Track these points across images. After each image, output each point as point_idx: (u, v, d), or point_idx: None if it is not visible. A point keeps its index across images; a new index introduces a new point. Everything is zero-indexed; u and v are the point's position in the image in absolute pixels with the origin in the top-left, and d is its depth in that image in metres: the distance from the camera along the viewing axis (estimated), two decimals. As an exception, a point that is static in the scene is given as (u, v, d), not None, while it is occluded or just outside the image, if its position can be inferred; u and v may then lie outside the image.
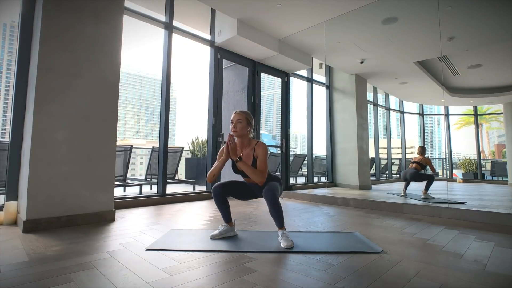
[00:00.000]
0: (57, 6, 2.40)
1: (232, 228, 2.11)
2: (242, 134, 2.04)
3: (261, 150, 1.99)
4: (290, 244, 1.82)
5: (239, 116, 2.04)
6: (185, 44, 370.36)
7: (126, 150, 4.20)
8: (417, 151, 4.61)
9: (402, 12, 3.89)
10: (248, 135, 2.07)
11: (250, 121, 2.07)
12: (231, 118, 2.07)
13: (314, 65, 5.94)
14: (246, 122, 2.04)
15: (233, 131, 2.03)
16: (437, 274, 1.42)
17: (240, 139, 2.06)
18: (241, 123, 2.02)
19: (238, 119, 2.03)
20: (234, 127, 2.03)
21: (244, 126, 2.03)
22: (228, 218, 2.08)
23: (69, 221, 2.36)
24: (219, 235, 2.03)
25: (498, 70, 5.32)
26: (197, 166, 6.01)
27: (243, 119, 2.03)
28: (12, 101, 2.57)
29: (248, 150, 2.04)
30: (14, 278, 1.31)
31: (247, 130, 2.05)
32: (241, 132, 2.03)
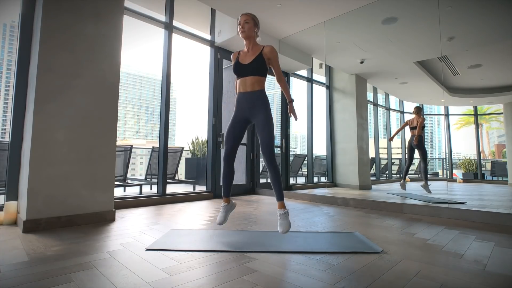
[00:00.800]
0: (57, 6, 2.40)
1: (232, 203, 2.13)
2: (250, 34, 2.04)
3: (273, 52, 2.02)
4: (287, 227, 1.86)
5: (246, 16, 2.05)
6: (185, 44, 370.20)
7: (126, 150, 4.20)
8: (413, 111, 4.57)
9: (402, 12, 3.89)
10: (255, 37, 2.09)
11: (256, 22, 2.08)
12: (238, 20, 2.07)
13: (314, 65, 5.93)
14: (253, 22, 2.05)
15: (241, 32, 2.04)
16: (437, 274, 1.42)
17: (247, 40, 2.06)
18: (248, 23, 2.03)
19: (245, 19, 2.04)
20: (242, 28, 2.03)
21: (251, 26, 2.04)
22: (229, 191, 2.09)
23: (69, 221, 2.36)
24: (224, 218, 2.05)
25: (498, 70, 5.31)
26: (197, 166, 6.01)
27: (250, 20, 2.05)
28: (12, 101, 2.57)
29: (255, 50, 2.04)
30: (14, 278, 1.31)
31: (254, 31, 2.06)
32: (249, 32, 2.03)
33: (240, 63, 2.05)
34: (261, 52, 2.01)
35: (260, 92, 2.02)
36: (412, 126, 4.52)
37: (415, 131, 4.45)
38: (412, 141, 4.52)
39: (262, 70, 2.02)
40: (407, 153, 4.59)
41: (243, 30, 2.03)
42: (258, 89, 2.01)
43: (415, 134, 4.46)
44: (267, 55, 2.01)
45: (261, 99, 2.00)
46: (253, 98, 2.01)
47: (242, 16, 2.07)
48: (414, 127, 4.47)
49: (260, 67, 2.00)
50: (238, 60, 2.07)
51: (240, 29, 2.04)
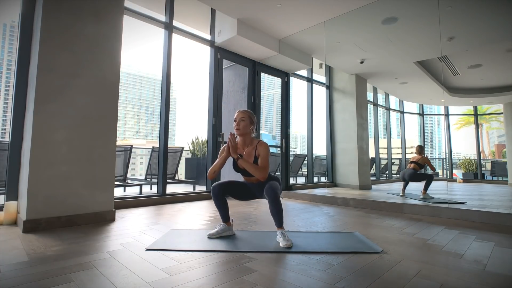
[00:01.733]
0: (57, 6, 2.40)
1: (230, 227, 2.11)
2: (245, 132, 2.05)
3: (263, 149, 2.00)
4: (289, 243, 1.82)
5: (242, 114, 2.05)
6: (185, 44, 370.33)
7: (126, 150, 4.20)
8: (415, 151, 4.59)
9: (402, 12, 3.89)
10: (250, 134, 2.09)
11: (253, 120, 2.08)
12: (235, 116, 2.08)
13: (314, 65, 5.94)
14: (249, 120, 2.06)
15: (236, 129, 2.04)
16: (437, 274, 1.42)
17: (242, 137, 2.07)
18: (244, 121, 2.04)
19: (241, 117, 2.04)
20: (237, 125, 2.04)
21: (247, 124, 2.04)
22: (226, 217, 2.09)
23: (69, 221, 2.36)
24: (216, 234, 2.03)
25: (498, 70, 5.31)
26: (197, 166, 6.01)
27: (246, 118, 2.05)
28: (12, 101, 2.57)
29: (250, 149, 2.05)
30: (14, 278, 1.31)
31: (249, 129, 2.06)
32: (244, 130, 2.04)
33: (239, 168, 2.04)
34: (255, 154, 2.02)
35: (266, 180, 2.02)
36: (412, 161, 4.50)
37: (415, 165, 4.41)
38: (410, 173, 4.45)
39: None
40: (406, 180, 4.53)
41: (237, 128, 2.04)
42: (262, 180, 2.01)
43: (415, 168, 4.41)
44: (258, 151, 2.02)
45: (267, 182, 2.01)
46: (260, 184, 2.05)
47: (238, 112, 2.07)
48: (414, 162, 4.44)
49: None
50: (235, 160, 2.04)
51: (235, 126, 2.04)
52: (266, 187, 1.91)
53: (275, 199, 1.88)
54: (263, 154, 2.00)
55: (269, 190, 1.89)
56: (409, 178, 4.42)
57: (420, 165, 4.39)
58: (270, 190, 1.89)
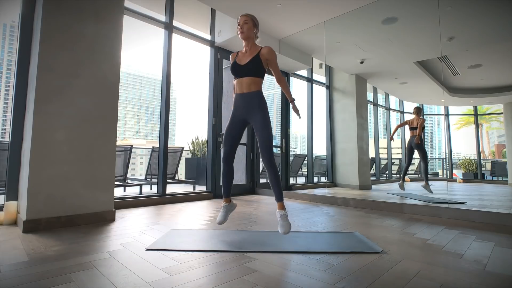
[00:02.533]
0: (57, 6, 2.40)
1: (232, 203, 2.13)
2: (249, 35, 2.03)
3: (273, 55, 2.01)
4: (288, 228, 1.85)
5: (245, 17, 2.04)
6: (185, 44, 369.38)
7: (126, 150, 4.20)
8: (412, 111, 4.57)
9: (402, 12, 3.89)
10: (254, 38, 2.07)
11: (255, 22, 2.07)
12: (238, 20, 2.06)
13: (314, 65, 5.93)
14: (252, 23, 2.05)
15: (240, 33, 2.03)
16: (437, 274, 1.42)
17: (246, 41, 2.05)
18: (248, 23, 2.03)
19: (244, 20, 2.03)
20: (241, 29, 2.02)
21: (251, 27, 2.03)
22: (229, 191, 2.09)
23: (69, 221, 2.36)
24: (224, 217, 2.05)
25: (498, 70, 5.31)
26: (197, 166, 6.01)
27: (249, 20, 2.04)
28: (12, 101, 2.57)
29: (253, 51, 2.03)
30: (14, 278, 1.31)
31: (253, 32, 2.05)
32: (248, 33, 2.02)
33: (237, 64, 2.04)
34: (258, 53, 2.00)
35: (257, 93, 2.01)
36: (412, 126, 4.52)
37: (415, 131, 4.45)
38: (412, 142, 4.51)
39: (259, 71, 2.01)
40: (407, 153, 4.60)
41: (242, 31, 2.02)
42: (254, 90, 2.01)
43: (415, 134, 4.46)
44: (265, 56, 2.00)
45: (258, 100, 2.00)
46: (250, 99, 2.01)
47: (241, 17, 2.06)
48: (414, 128, 4.47)
49: (257, 68, 1.99)
50: (236, 61, 2.07)
51: (239, 29, 2.03)
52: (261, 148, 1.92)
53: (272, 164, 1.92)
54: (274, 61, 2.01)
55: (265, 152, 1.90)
56: (416, 146, 4.41)
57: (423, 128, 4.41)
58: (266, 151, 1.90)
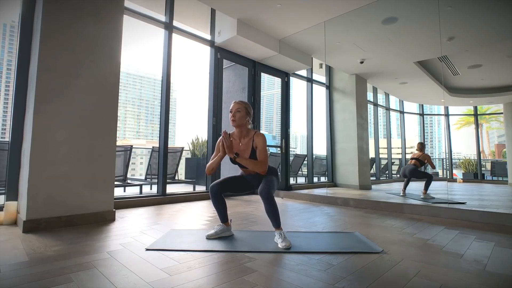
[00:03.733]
0: (57, 6, 2.40)
1: (228, 228, 2.11)
2: (241, 123, 2.03)
3: (260, 140, 1.99)
4: (288, 244, 1.81)
5: (238, 105, 2.03)
6: (185, 44, 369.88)
7: (126, 150, 4.20)
8: (416, 147, 4.58)
9: (402, 12, 3.89)
10: (247, 125, 2.07)
11: (249, 111, 2.07)
12: (230, 107, 2.06)
13: (314, 65, 5.93)
14: (245, 111, 2.04)
15: (232, 121, 2.02)
16: (437, 274, 1.42)
17: (238, 129, 2.05)
18: (240, 112, 2.02)
19: (237, 108, 2.02)
20: (233, 117, 2.02)
21: (243, 115, 2.02)
22: (225, 218, 2.08)
23: (69, 221, 2.36)
24: (215, 235, 2.03)
25: (498, 70, 5.31)
26: (197, 166, 6.01)
27: (242, 109, 2.03)
28: (12, 101, 2.57)
29: (247, 140, 2.04)
30: (14, 278, 1.31)
31: (245, 120, 2.04)
32: (240, 121, 2.02)
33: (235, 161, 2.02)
34: (252, 146, 2.01)
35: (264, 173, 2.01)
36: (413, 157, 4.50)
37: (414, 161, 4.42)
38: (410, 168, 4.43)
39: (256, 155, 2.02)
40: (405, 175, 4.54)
41: (234, 119, 2.02)
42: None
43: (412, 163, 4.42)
44: (256, 143, 2.01)
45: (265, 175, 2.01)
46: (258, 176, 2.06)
47: (234, 104, 2.05)
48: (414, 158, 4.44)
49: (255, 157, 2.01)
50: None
51: (231, 117, 2.02)
52: (260, 187, 1.90)
53: (270, 199, 1.86)
54: (260, 147, 1.99)
55: (263, 191, 1.86)
56: (410, 174, 4.40)
57: (421, 162, 4.38)
58: (264, 191, 1.86)
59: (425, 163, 4.40)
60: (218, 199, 2.04)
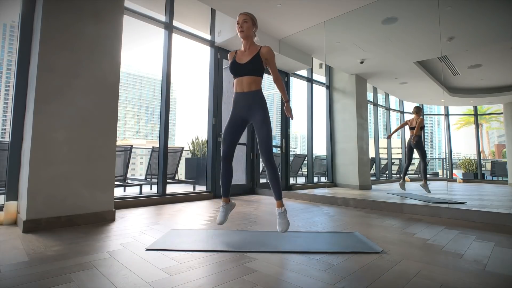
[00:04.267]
0: (57, 6, 2.40)
1: (231, 203, 2.14)
2: (248, 34, 2.04)
3: (272, 55, 2.03)
4: (286, 226, 1.87)
5: (244, 16, 2.04)
6: (185, 44, 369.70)
7: (126, 150, 4.20)
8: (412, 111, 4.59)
9: (402, 12, 3.89)
10: (253, 37, 2.08)
11: (255, 21, 2.08)
12: (237, 19, 2.06)
13: (314, 65, 5.93)
14: (251, 22, 2.05)
15: (240, 31, 2.03)
16: (437, 274, 1.42)
17: (245, 40, 2.05)
18: (247, 22, 2.03)
19: (244, 19, 2.03)
20: (240, 27, 2.02)
21: (250, 26, 2.04)
22: (228, 191, 2.09)
23: (69, 221, 2.36)
24: (224, 217, 2.05)
25: (498, 70, 5.31)
26: (197, 166, 6.01)
27: (249, 19, 2.04)
28: (12, 101, 2.57)
29: (252, 49, 2.04)
30: (14, 278, 1.31)
31: (252, 31, 2.06)
32: (248, 32, 2.03)
33: (237, 63, 2.05)
34: (258, 52, 2.01)
35: (257, 92, 2.02)
36: (411, 126, 4.55)
37: (414, 131, 4.47)
38: (411, 141, 4.54)
39: (259, 70, 2.02)
40: (406, 153, 4.62)
41: (241, 30, 2.02)
42: (255, 89, 2.02)
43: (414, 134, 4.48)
44: (264, 55, 2.01)
45: (258, 99, 2.01)
46: (250, 98, 2.02)
47: (240, 15, 2.06)
48: (414, 127, 4.49)
49: (257, 67, 2.00)
50: (235, 60, 2.07)
51: (239, 28, 2.03)
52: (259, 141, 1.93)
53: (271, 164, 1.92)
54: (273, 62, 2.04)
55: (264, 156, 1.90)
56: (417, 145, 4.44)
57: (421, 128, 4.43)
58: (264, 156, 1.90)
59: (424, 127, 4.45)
60: (229, 166, 2.04)
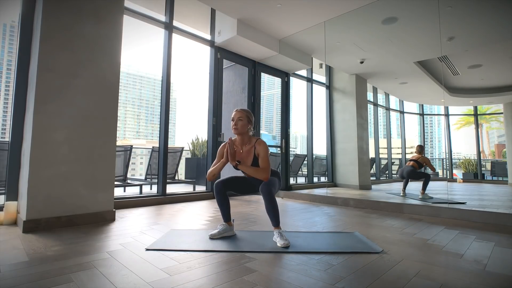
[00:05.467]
0: (57, 6, 2.40)
1: (231, 227, 2.11)
2: (243, 131, 2.06)
3: (262, 148, 2.02)
4: (286, 243, 1.82)
5: (240, 113, 2.06)
6: (185, 44, 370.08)
7: (126, 150, 4.20)
8: (415, 150, 4.62)
9: (402, 12, 3.89)
10: (248, 133, 2.10)
11: (250, 119, 2.10)
12: (232, 115, 2.09)
13: (314, 65, 5.93)
14: (246, 120, 2.07)
15: (234, 129, 2.06)
16: (437, 274, 1.42)
17: (240, 136, 2.08)
18: (242, 120, 2.05)
19: (239, 116, 2.05)
20: (235, 125, 2.05)
21: (245, 124, 2.06)
22: (228, 217, 2.09)
23: (69, 221, 2.36)
24: (218, 235, 2.03)
25: (498, 70, 5.31)
26: (197, 166, 6.01)
27: (244, 117, 2.06)
28: (12, 101, 2.57)
29: (248, 147, 2.07)
30: (14, 278, 1.31)
31: (247, 128, 2.07)
32: (242, 129, 2.05)
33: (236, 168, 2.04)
34: (254, 153, 2.03)
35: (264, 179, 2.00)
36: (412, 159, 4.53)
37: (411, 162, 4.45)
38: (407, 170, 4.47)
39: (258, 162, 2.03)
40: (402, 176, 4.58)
41: (235, 127, 2.05)
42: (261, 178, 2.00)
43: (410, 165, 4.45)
44: (257, 151, 2.03)
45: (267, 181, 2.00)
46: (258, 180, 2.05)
47: (236, 112, 2.08)
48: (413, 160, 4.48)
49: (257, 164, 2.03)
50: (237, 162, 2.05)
51: (233, 125, 2.06)
52: (262, 184, 1.93)
53: (270, 197, 1.90)
54: (262, 154, 2.01)
55: (264, 188, 1.90)
56: (407, 175, 4.45)
57: (419, 164, 4.41)
58: (264, 187, 1.90)
59: (423, 165, 4.43)
60: (223, 197, 2.06)
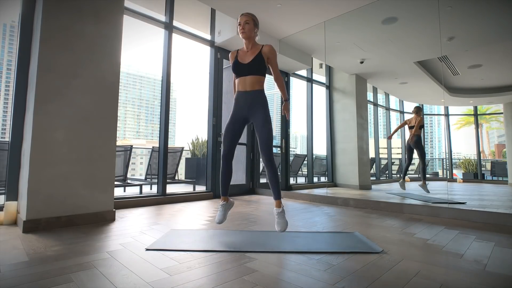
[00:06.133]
0: (57, 6, 2.40)
1: (229, 202, 2.14)
2: (250, 35, 2.06)
3: (273, 53, 2.05)
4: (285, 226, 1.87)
5: (246, 17, 2.06)
6: (185, 44, 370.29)
7: (126, 150, 4.20)
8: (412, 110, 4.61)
9: (402, 12, 3.89)
10: (255, 37, 2.10)
11: (256, 22, 2.10)
12: (238, 20, 2.08)
13: (314, 65, 5.94)
14: (253, 23, 2.07)
15: (242, 32, 2.05)
16: (437, 274, 1.42)
17: (247, 40, 2.07)
18: (249, 24, 2.05)
19: (245, 20, 2.05)
20: (242, 28, 2.05)
21: (252, 27, 2.06)
22: (227, 190, 2.10)
23: (69, 221, 2.36)
24: (223, 216, 2.05)
25: (498, 70, 5.31)
26: (197, 166, 6.01)
27: (250, 20, 2.06)
28: (12, 101, 2.57)
29: (254, 49, 2.06)
30: (14, 278, 1.31)
31: (254, 31, 2.07)
32: (249, 33, 2.05)
33: (239, 62, 2.05)
34: (260, 51, 2.03)
35: (260, 91, 2.04)
36: (411, 125, 4.56)
37: (413, 130, 4.49)
38: (409, 141, 4.55)
39: (262, 69, 2.03)
40: (406, 152, 4.64)
41: (243, 31, 2.04)
42: (257, 89, 2.03)
43: (413, 133, 4.50)
44: (267, 54, 2.03)
45: (261, 98, 2.02)
46: (253, 97, 2.03)
47: (242, 16, 2.07)
48: (413, 127, 4.50)
49: (260, 67, 2.01)
50: (237, 59, 2.08)
51: (241, 29, 2.05)
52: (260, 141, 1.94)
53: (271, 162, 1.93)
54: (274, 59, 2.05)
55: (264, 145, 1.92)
56: (416, 144, 4.46)
57: (421, 127, 4.44)
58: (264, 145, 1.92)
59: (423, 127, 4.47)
60: (229, 165, 2.04)
